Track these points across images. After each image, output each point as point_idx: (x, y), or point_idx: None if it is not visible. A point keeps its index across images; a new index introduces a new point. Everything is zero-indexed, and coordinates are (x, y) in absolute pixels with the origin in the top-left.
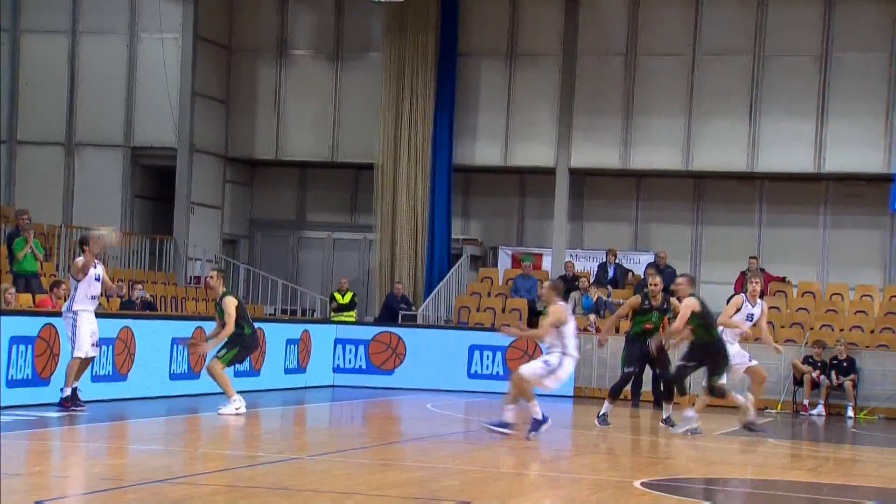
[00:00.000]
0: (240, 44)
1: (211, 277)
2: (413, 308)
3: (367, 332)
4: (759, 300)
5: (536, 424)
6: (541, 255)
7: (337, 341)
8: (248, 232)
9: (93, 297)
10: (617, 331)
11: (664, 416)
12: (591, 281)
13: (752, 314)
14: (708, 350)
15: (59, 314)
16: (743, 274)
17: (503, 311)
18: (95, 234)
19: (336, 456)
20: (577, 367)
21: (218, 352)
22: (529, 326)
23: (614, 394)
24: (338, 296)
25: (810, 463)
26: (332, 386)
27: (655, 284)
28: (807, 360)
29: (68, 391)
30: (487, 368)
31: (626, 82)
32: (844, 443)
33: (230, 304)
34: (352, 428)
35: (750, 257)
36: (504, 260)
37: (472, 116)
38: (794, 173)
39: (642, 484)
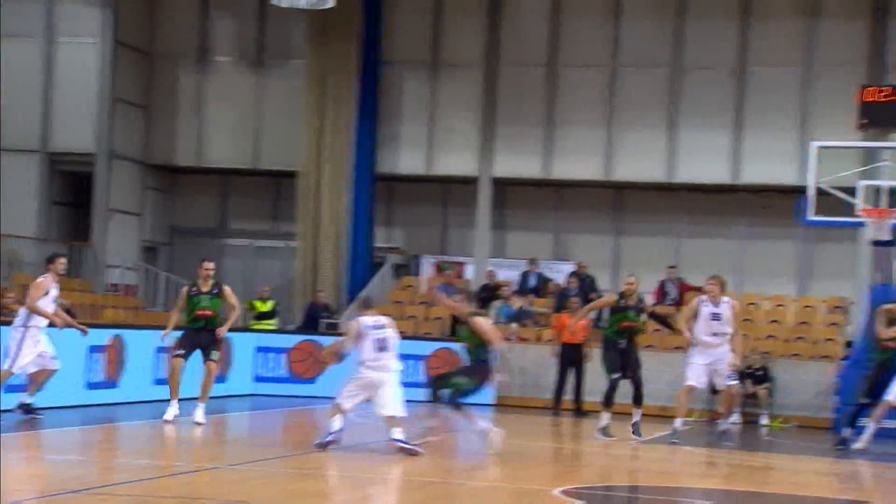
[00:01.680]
0: (160, 49)
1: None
2: (335, 316)
3: (289, 341)
4: (723, 299)
5: (328, 436)
6: (463, 263)
7: (258, 350)
8: (169, 239)
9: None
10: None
11: (634, 422)
12: (513, 290)
13: (718, 314)
14: None
15: None
16: (662, 284)
17: (425, 319)
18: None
19: (254, 465)
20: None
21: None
22: (451, 335)
23: (608, 402)
24: (258, 304)
25: (725, 470)
26: (253, 395)
27: (631, 283)
28: None
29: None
30: (410, 377)
31: (547, 93)
32: (758, 450)
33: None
34: (271, 437)
35: (668, 267)
36: (426, 269)
37: (395, 125)
38: (712, 184)
39: (561, 492)
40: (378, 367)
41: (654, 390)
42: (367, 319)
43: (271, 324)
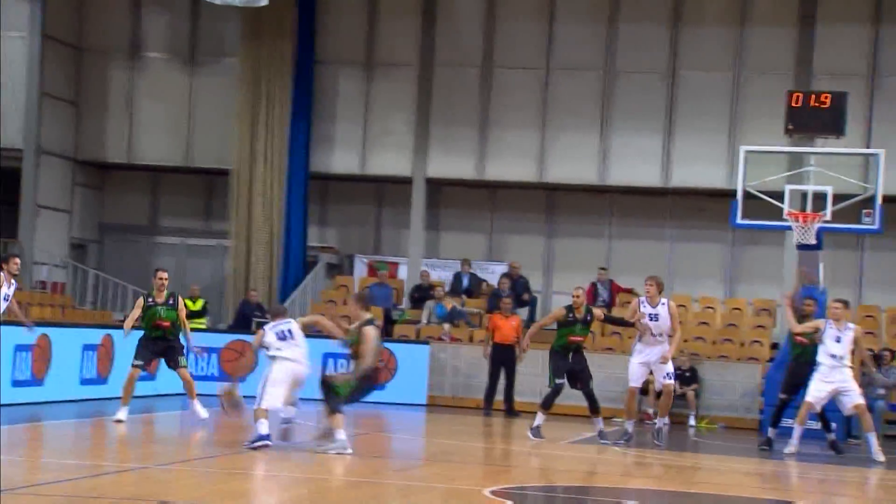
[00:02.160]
0: (90, 44)
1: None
2: (268, 315)
3: (220, 340)
4: (661, 300)
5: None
6: (396, 263)
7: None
8: (98, 237)
9: None
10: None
11: (598, 430)
12: (446, 290)
13: (655, 314)
14: None
15: None
16: (594, 285)
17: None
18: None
19: (183, 465)
20: (431, 376)
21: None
22: (385, 335)
23: (546, 405)
24: (189, 303)
25: (653, 471)
26: (183, 394)
27: (578, 296)
28: None
29: None
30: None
31: (481, 94)
32: (686, 451)
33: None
34: (201, 437)
35: (599, 268)
36: (360, 268)
37: (329, 124)
38: (642, 187)
39: (491, 492)
40: (282, 357)
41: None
42: (271, 323)
43: (202, 323)
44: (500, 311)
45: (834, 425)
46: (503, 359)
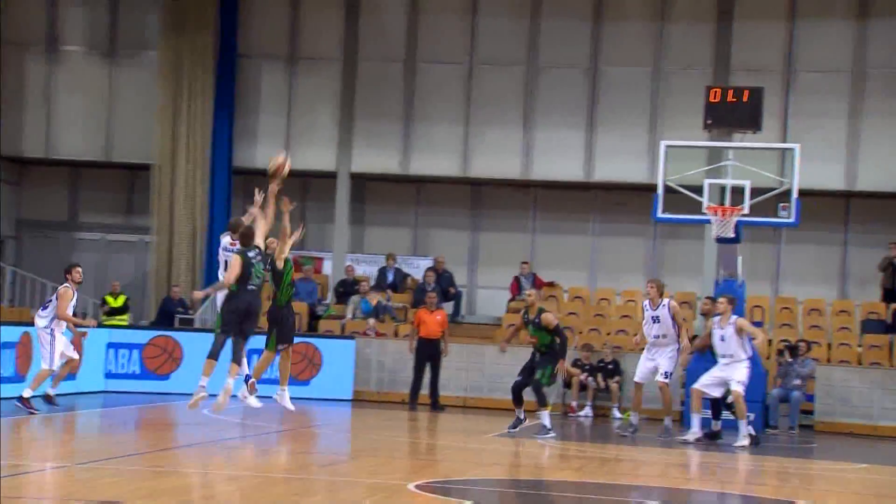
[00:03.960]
0: (6, 37)
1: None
2: (191, 311)
3: (142, 336)
4: (662, 301)
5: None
6: (321, 258)
7: (109, 346)
8: (16, 232)
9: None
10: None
11: (543, 423)
12: (371, 285)
13: (656, 316)
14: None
15: None
16: (517, 279)
17: None
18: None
19: (106, 463)
20: (357, 372)
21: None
22: (309, 330)
23: (515, 401)
24: (110, 299)
25: (577, 463)
26: (105, 392)
27: (530, 295)
28: (576, 363)
29: (30, 393)
30: (268, 372)
31: (405, 89)
32: (609, 443)
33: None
34: (124, 434)
35: (522, 262)
36: None
37: (252, 119)
38: (565, 182)
39: (416, 486)
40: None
41: (508, 384)
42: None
43: (124, 319)
44: (426, 305)
45: (752, 415)
46: (428, 353)
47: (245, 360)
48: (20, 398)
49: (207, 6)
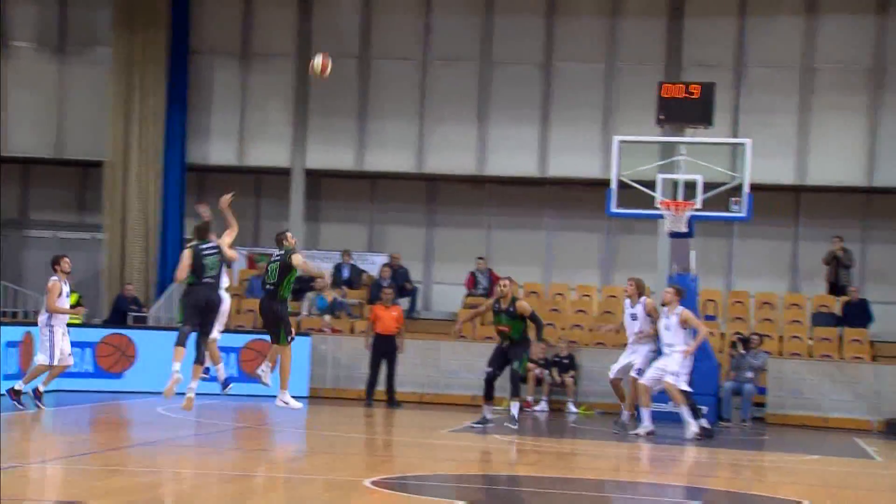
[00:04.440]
0: None
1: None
2: (144, 309)
3: (95, 335)
4: (641, 300)
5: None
6: None
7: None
8: None
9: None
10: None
11: (511, 413)
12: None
13: (634, 314)
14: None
15: None
16: (472, 275)
17: (238, 312)
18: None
19: (58, 462)
20: (312, 368)
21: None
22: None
23: (486, 397)
24: None
25: (533, 457)
26: (57, 391)
27: (505, 286)
28: (530, 358)
29: (21, 386)
30: (228, 368)
31: (359, 85)
32: (565, 437)
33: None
34: (77, 434)
35: (477, 258)
36: (239, 261)
37: (205, 115)
38: (520, 177)
39: (372, 483)
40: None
41: (463, 380)
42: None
43: (76, 317)
44: (382, 301)
45: (705, 408)
46: (385, 349)
47: (221, 360)
48: (10, 389)
49: (159, 2)
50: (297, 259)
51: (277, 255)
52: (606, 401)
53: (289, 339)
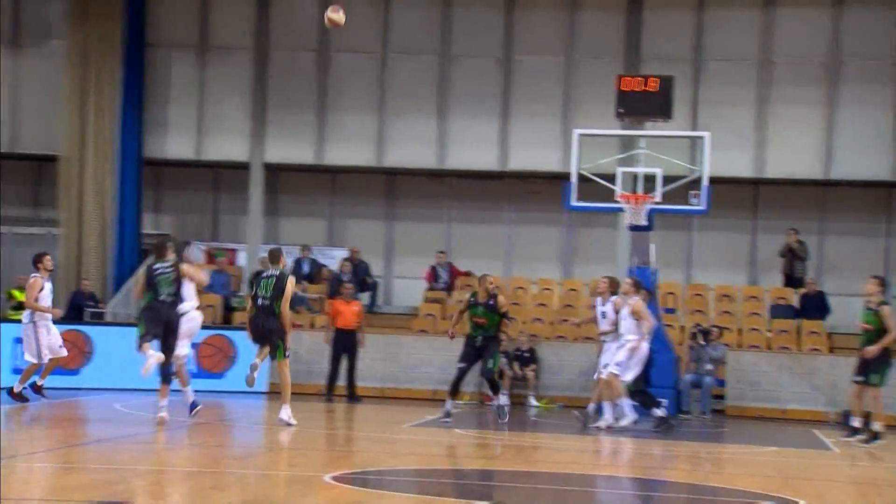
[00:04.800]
0: None
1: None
2: (101, 305)
3: None
4: (611, 298)
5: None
6: (235, 250)
7: (17, 341)
8: None
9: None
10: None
11: (497, 405)
12: None
13: (604, 312)
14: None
15: None
16: (433, 268)
17: (196, 307)
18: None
19: (12, 461)
20: (272, 364)
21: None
22: (223, 323)
23: (453, 391)
24: (16, 293)
25: (493, 451)
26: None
27: (492, 281)
28: None
29: (19, 388)
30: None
31: (318, 78)
32: (526, 431)
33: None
34: (33, 431)
35: (438, 252)
36: (197, 255)
37: (162, 109)
38: (480, 171)
39: (332, 478)
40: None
41: (424, 374)
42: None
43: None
44: (342, 296)
45: (664, 401)
46: (345, 344)
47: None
48: (10, 390)
49: None
50: (290, 283)
51: (271, 274)
52: (567, 394)
53: (286, 354)
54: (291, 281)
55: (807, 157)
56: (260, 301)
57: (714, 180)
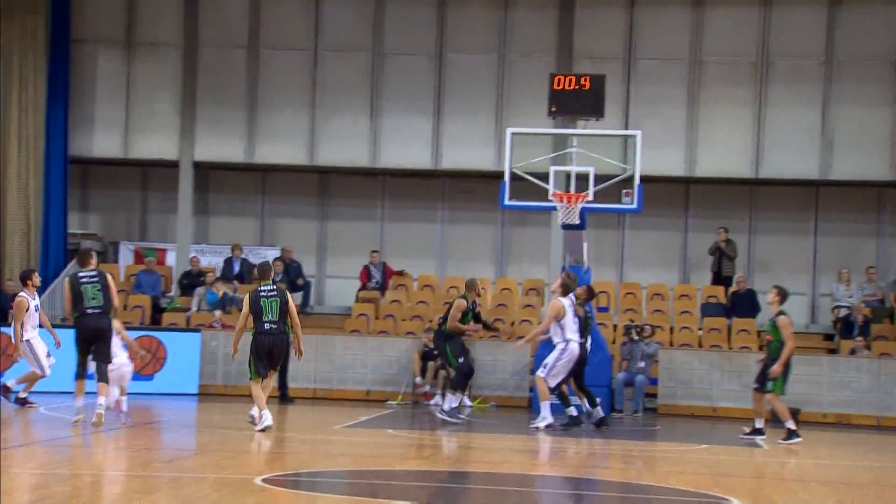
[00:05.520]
0: None
1: None
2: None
3: None
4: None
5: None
6: (164, 249)
7: None
8: None
9: (33, 326)
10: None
11: (457, 405)
12: (217, 276)
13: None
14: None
15: None
16: (366, 268)
17: (125, 308)
18: None
19: None
20: (203, 365)
21: None
22: (152, 323)
23: (460, 387)
24: None
25: (427, 451)
26: None
27: (485, 288)
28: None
29: (25, 394)
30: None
31: (249, 76)
32: (460, 430)
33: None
34: None
35: (371, 251)
36: (126, 255)
37: (88, 106)
38: (413, 169)
39: (264, 480)
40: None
41: (357, 375)
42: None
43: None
44: None
45: (598, 399)
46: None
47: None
48: (15, 398)
49: None
50: (293, 300)
51: (271, 291)
52: (500, 393)
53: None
54: (291, 298)
55: (737, 155)
56: (267, 326)
57: (646, 179)
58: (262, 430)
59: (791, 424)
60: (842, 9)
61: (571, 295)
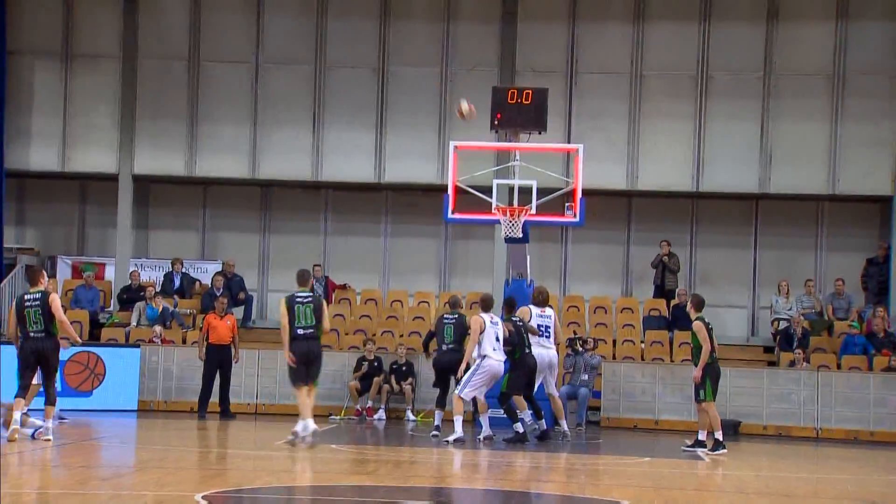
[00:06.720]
0: None
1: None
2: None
3: None
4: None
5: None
6: (103, 264)
7: None
8: None
9: None
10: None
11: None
12: (157, 291)
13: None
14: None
15: None
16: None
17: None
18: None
19: None
20: (142, 381)
21: None
22: (91, 339)
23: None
24: None
25: (370, 466)
26: None
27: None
28: (365, 365)
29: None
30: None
31: (189, 88)
32: (404, 445)
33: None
34: None
35: (314, 265)
36: (64, 270)
37: (25, 119)
38: (356, 183)
39: (203, 497)
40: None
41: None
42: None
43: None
44: (215, 311)
45: (542, 412)
46: (219, 360)
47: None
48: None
49: None
50: (325, 306)
51: (307, 297)
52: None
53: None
54: (325, 305)
55: (678, 169)
56: (301, 331)
57: (588, 192)
58: (311, 438)
59: (719, 435)
60: (780, 24)
61: (492, 312)
